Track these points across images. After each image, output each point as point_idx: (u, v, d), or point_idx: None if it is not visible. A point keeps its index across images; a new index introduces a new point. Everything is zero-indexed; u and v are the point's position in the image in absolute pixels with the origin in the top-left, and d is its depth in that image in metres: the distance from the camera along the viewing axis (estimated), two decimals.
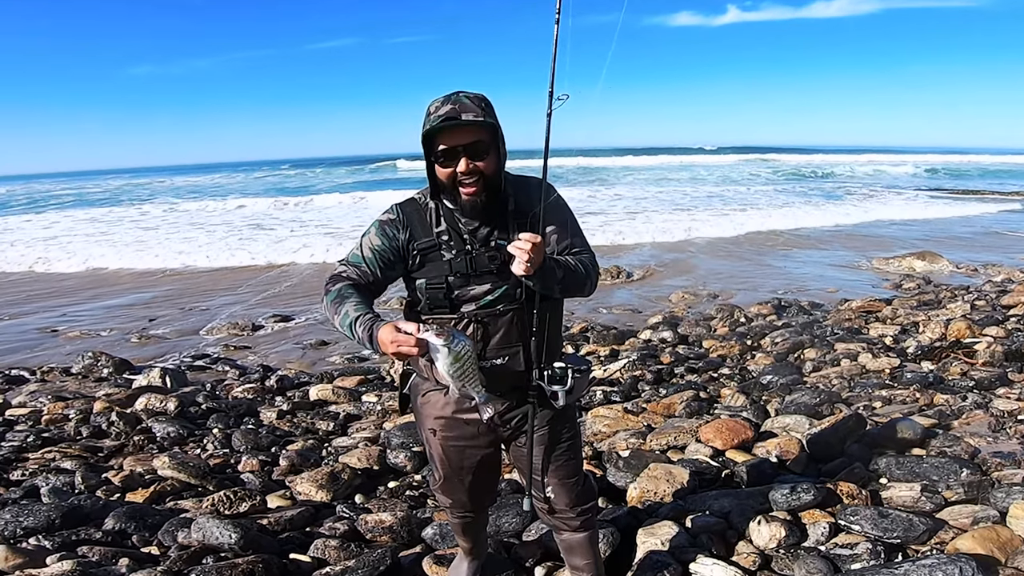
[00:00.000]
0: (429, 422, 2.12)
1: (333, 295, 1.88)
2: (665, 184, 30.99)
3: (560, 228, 1.99)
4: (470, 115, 1.77)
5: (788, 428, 4.10)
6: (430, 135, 1.80)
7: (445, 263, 1.90)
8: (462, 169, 1.79)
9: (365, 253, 1.94)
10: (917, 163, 47.19)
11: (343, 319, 1.81)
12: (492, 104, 1.86)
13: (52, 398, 5.79)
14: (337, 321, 1.83)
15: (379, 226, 1.96)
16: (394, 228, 1.94)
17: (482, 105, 1.81)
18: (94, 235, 18.23)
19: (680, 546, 2.73)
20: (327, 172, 55.84)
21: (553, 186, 1.96)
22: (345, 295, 1.86)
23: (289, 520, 3.24)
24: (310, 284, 11.05)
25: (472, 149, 1.80)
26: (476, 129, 1.79)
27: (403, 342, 1.67)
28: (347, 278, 1.93)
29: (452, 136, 1.78)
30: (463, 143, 1.79)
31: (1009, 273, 10.14)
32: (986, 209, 20.74)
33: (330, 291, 1.90)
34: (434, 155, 1.83)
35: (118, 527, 3.09)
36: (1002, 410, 4.12)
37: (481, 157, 1.81)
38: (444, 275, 1.89)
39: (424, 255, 1.91)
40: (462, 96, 1.81)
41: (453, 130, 1.78)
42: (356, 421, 5.19)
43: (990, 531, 2.62)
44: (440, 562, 2.76)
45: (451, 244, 1.90)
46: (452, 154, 1.80)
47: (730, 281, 10.56)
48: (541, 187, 1.91)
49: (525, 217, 1.90)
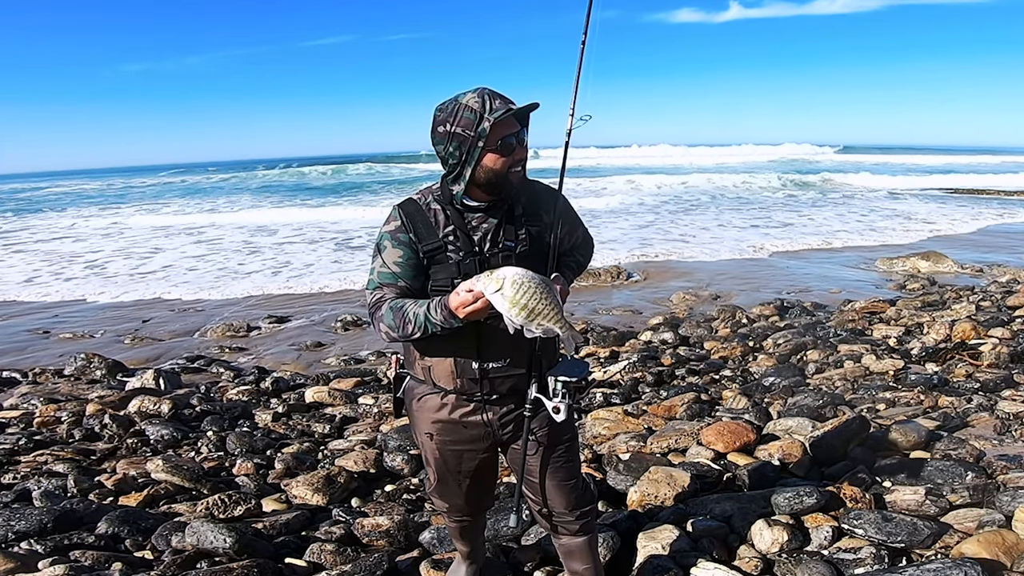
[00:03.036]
0: (425, 426, 2.08)
1: (389, 313, 1.84)
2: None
3: (571, 229, 2.09)
4: (515, 106, 1.81)
5: (791, 431, 4.06)
6: (493, 126, 1.79)
7: (453, 265, 1.87)
8: (519, 156, 1.84)
9: (392, 269, 1.89)
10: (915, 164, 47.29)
11: (416, 320, 1.79)
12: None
13: (44, 400, 5.74)
14: (411, 328, 1.80)
15: (391, 237, 1.90)
16: (403, 232, 1.90)
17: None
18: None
19: (681, 550, 2.70)
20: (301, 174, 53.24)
21: (554, 188, 2.04)
22: (399, 305, 1.83)
23: (284, 524, 3.20)
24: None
25: (520, 136, 1.85)
26: (514, 120, 1.84)
27: (464, 303, 1.68)
28: (390, 297, 1.88)
29: (509, 125, 1.82)
30: (515, 131, 1.84)
31: (1015, 274, 10.10)
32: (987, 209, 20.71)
33: (383, 313, 1.85)
34: (496, 146, 1.81)
35: (111, 531, 3.05)
36: (1008, 412, 4.07)
37: (525, 143, 1.88)
38: (451, 277, 1.86)
39: (431, 257, 1.88)
40: (494, 91, 1.84)
41: (509, 120, 1.81)
42: (352, 424, 5.16)
43: (995, 535, 2.58)
44: (438, 567, 2.73)
45: (458, 246, 1.88)
46: (509, 145, 1.82)
47: (732, 282, 10.52)
48: (547, 191, 2.02)
49: (534, 219, 1.96)
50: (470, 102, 1.79)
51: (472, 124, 1.78)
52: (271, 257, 14.17)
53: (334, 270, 12.36)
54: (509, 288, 1.64)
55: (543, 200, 2.00)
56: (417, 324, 1.79)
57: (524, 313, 1.66)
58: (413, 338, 1.82)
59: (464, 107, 1.80)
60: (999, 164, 45.69)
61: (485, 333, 1.88)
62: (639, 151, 66.47)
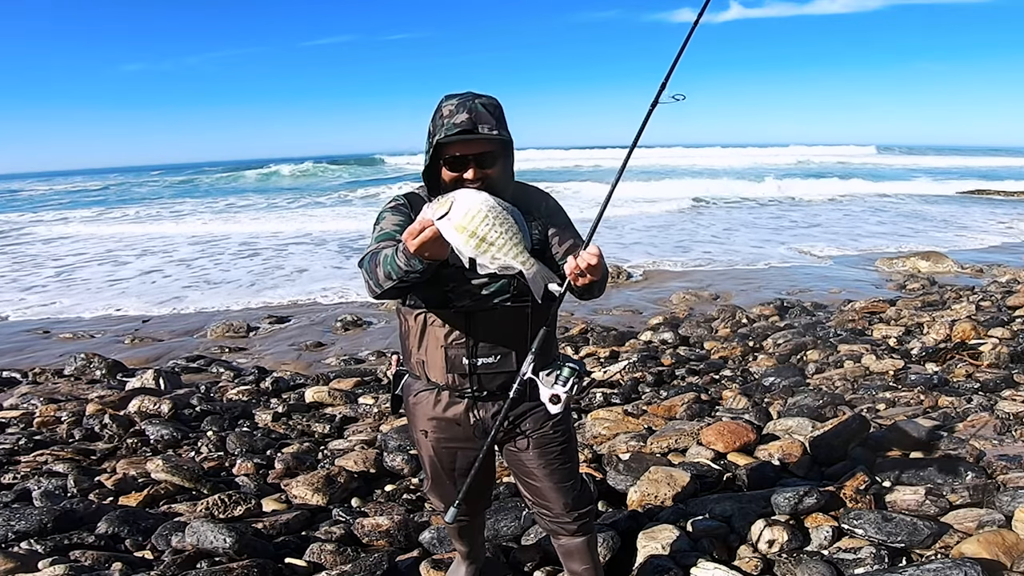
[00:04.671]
0: (421, 423, 2.08)
1: (369, 257, 1.76)
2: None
3: (564, 229, 2.00)
4: (486, 127, 1.76)
5: (791, 431, 4.05)
6: (442, 141, 1.77)
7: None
8: (469, 177, 1.79)
9: (391, 228, 1.87)
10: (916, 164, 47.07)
11: (384, 262, 1.67)
12: (504, 111, 1.85)
13: (44, 400, 5.73)
14: (380, 273, 1.68)
15: (391, 209, 1.94)
16: (403, 207, 1.93)
17: (496, 115, 1.80)
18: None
19: (681, 550, 2.70)
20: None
21: (547, 192, 2.03)
22: (378, 250, 1.75)
23: (284, 524, 3.20)
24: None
25: (482, 159, 1.79)
26: (488, 141, 1.78)
27: (412, 232, 1.53)
28: (380, 249, 1.82)
29: (465, 146, 1.77)
30: (474, 152, 1.78)
31: (1015, 274, 10.09)
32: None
33: (365, 258, 1.79)
34: (443, 160, 1.81)
35: (111, 531, 3.05)
36: (1008, 412, 4.07)
37: (490, 166, 1.81)
38: (438, 268, 1.86)
39: None
40: (478, 103, 1.78)
41: (470, 142, 1.76)
42: (352, 424, 5.15)
43: (996, 535, 2.58)
44: (438, 566, 2.73)
45: None
46: (462, 162, 1.79)
47: (732, 282, 10.52)
48: (539, 192, 1.97)
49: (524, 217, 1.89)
50: (443, 108, 1.79)
51: (432, 133, 1.80)
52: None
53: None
54: (457, 212, 1.45)
55: (534, 200, 1.98)
56: (384, 266, 1.67)
57: (474, 242, 1.46)
58: (385, 288, 1.70)
59: (437, 111, 1.81)
60: (1001, 165, 45.38)
61: (475, 325, 1.88)
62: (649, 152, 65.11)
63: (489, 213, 1.46)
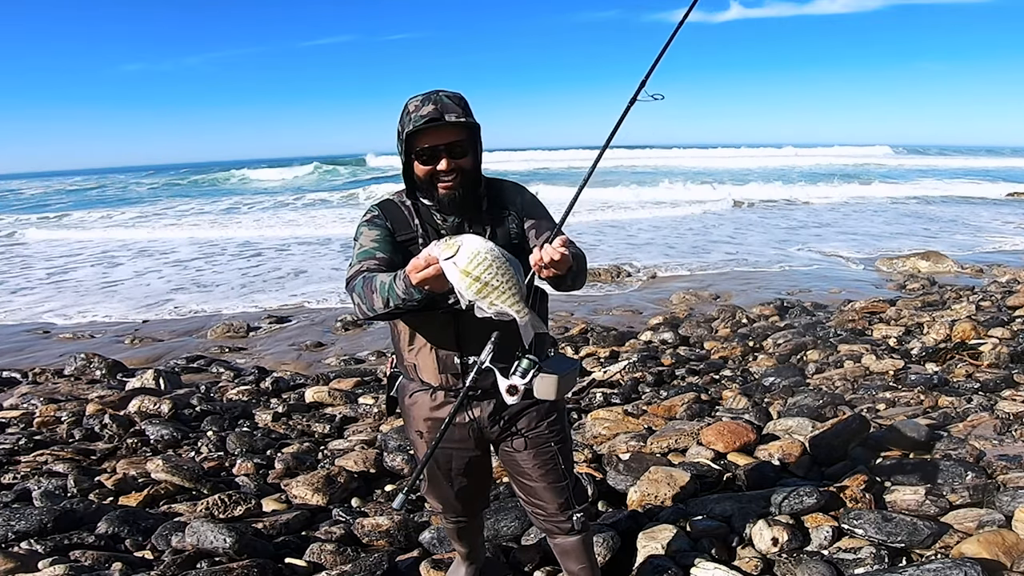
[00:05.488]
0: (416, 424, 2.08)
1: (360, 282, 1.77)
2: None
3: (541, 221, 2.00)
4: (452, 116, 1.79)
5: (791, 430, 4.05)
6: (412, 134, 1.80)
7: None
8: (443, 167, 1.81)
9: (369, 245, 1.89)
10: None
11: (381, 289, 1.68)
12: (469, 103, 1.88)
13: (44, 400, 5.73)
14: (376, 299, 1.69)
15: (367, 223, 1.96)
16: (379, 219, 1.95)
17: (462, 105, 1.83)
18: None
19: (681, 550, 2.70)
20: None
21: (523, 186, 2.05)
22: (371, 276, 1.76)
23: (284, 524, 3.20)
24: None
25: (453, 148, 1.82)
26: (457, 129, 1.81)
27: (417, 267, 1.56)
28: (366, 269, 1.84)
29: (434, 136, 1.80)
30: (444, 142, 1.80)
31: (1015, 274, 10.08)
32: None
33: (355, 282, 1.79)
34: (415, 153, 1.83)
35: (111, 531, 3.05)
36: (1008, 412, 4.07)
37: (461, 156, 1.83)
38: None
39: (405, 248, 1.91)
40: (442, 95, 1.82)
41: (435, 130, 1.79)
42: (352, 424, 5.15)
43: (996, 535, 2.58)
44: (438, 567, 2.73)
45: (428, 239, 1.90)
46: (433, 153, 1.81)
47: (732, 282, 10.52)
48: (514, 186, 2.00)
49: (500, 213, 1.95)
50: (409, 105, 1.82)
51: (401, 130, 1.82)
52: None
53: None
54: (463, 256, 1.51)
55: (509, 195, 2.00)
56: (382, 293, 1.68)
57: (476, 287, 1.53)
58: (379, 313, 1.71)
59: (403, 110, 1.83)
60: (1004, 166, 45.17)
61: (464, 325, 1.87)
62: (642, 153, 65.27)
63: (494, 262, 1.54)
